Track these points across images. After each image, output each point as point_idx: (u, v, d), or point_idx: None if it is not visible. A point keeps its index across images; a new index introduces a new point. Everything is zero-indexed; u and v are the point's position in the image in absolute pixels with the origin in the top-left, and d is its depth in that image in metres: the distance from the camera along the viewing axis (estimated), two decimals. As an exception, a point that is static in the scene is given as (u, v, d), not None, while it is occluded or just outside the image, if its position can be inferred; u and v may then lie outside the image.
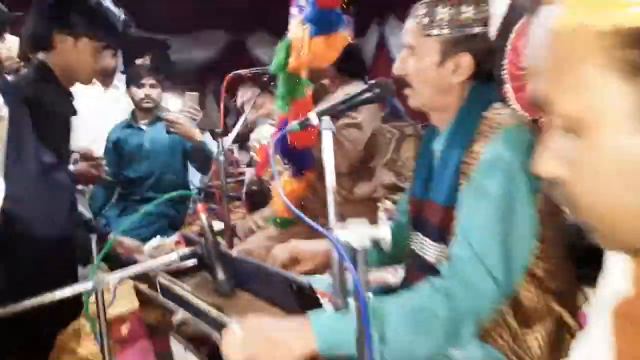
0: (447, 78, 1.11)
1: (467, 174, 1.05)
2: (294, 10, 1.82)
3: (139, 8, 5.01)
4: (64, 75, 1.58)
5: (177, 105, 2.67)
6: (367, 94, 1.13)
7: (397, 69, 1.16)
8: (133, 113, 2.88)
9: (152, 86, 2.78)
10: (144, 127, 2.84)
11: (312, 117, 1.10)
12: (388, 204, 2.18)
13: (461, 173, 1.07)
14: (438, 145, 1.17)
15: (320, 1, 1.66)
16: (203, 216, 1.12)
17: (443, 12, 1.08)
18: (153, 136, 2.78)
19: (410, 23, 1.14)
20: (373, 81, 1.14)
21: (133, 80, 2.81)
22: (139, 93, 2.77)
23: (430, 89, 1.12)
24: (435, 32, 1.09)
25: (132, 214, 2.73)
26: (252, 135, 2.52)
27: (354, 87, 2.04)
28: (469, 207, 1.02)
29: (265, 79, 2.28)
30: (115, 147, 2.81)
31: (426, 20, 1.10)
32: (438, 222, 1.11)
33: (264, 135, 2.49)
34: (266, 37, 6.51)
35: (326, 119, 1.08)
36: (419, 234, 1.21)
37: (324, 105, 1.13)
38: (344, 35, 1.75)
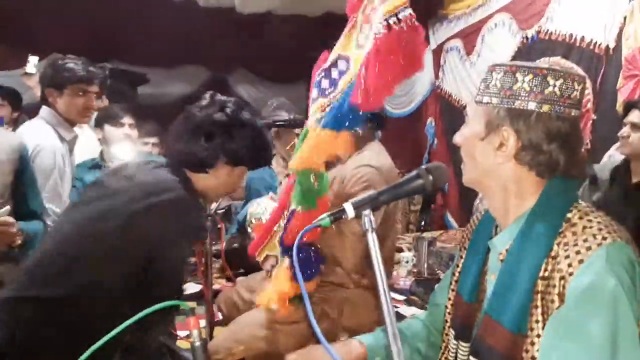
0: (492, 155, 0.91)
1: (548, 297, 0.81)
2: (314, 92, 1.43)
3: (120, 40, 4.77)
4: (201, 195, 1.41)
5: (128, 153, 2.29)
6: (417, 182, 0.89)
7: (455, 136, 0.99)
8: (102, 153, 2.52)
9: (131, 126, 2.46)
10: None
11: (349, 209, 0.85)
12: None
13: (539, 292, 0.83)
14: (500, 244, 0.94)
15: (355, 99, 1.21)
16: (195, 332, 0.86)
17: (498, 79, 0.89)
18: None
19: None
20: (424, 166, 0.90)
21: (109, 119, 2.45)
22: (118, 133, 2.43)
23: (475, 165, 0.95)
24: (485, 99, 0.91)
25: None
26: (250, 208, 2.15)
27: (369, 153, 1.78)
28: (559, 350, 0.77)
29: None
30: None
31: (482, 85, 0.93)
32: (504, 350, 0.85)
33: (262, 209, 2.07)
34: (248, 74, 6.32)
35: (368, 213, 0.84)
36: (467, 347, 0.96)
37: (361, 195, 0.88)
38: (347, 136, 1.34)
